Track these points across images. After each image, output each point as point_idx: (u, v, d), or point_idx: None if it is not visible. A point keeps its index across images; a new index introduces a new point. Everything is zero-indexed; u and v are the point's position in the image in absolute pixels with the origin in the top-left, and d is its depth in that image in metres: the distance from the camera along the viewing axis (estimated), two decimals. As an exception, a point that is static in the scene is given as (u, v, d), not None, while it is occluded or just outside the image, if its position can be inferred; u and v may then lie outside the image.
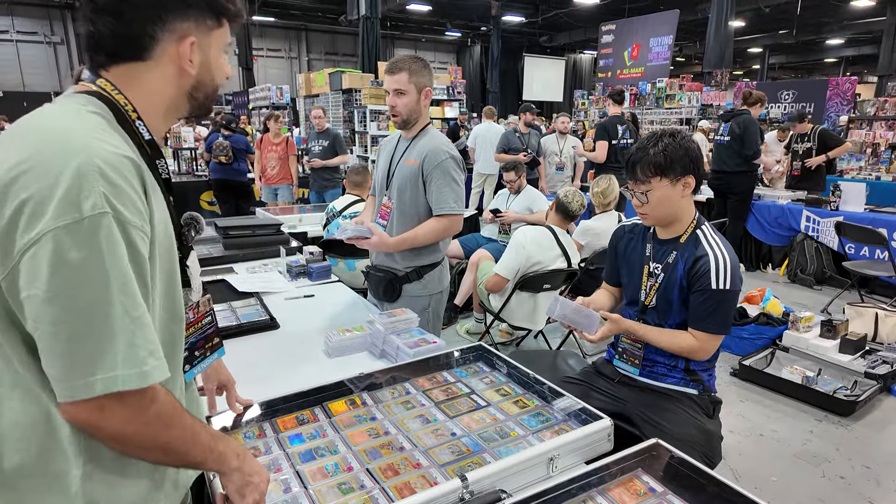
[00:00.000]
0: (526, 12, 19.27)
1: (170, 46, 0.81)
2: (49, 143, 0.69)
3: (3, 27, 16.70)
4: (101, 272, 0.67)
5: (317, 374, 1.54)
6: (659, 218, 1.67)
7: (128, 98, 0.81)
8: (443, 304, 2.27)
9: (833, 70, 26.04)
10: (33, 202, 0.65)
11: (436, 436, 1.27)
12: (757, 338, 3.52)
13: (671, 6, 13.64)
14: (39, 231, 0.64)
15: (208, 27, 0.85)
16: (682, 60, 26.18)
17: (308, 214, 4.26)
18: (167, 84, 0.84)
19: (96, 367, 0.67)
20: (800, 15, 17.04)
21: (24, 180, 0.66)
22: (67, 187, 0.65)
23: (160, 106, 0.85)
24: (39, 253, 0.65)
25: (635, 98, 11.66)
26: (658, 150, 1.58)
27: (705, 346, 1.62)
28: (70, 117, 0.75)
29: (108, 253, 0.67)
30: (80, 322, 0.66)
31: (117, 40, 0.79)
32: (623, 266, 1.82)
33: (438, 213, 2.04)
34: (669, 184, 1.59)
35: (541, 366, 1.98)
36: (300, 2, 18.10)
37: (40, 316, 0.66)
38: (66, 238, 0.65)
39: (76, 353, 0.67)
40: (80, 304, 0.66)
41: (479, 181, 7.21)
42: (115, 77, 0.81)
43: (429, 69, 2.07)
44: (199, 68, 0.85)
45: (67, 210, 0.65)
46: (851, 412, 2.87)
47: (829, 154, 5.62)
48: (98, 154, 0.69)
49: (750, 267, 5.60)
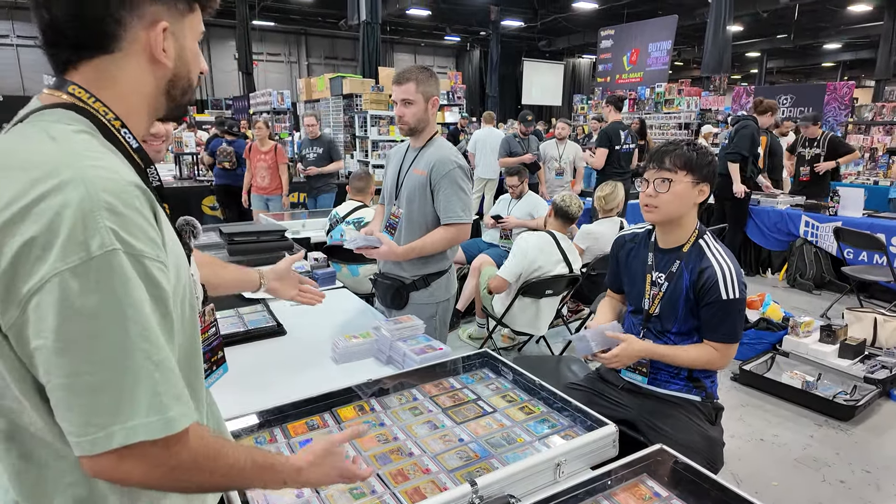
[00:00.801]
0: (525, 17, 19.35)
1: (140, 33, 0.72)
2: (42, 177, 0.61)
3: (3, 31, 16.76)
4: (115, 317, 0.61)
5: (324, 380, 1.56)
6: (667, 213, 1.66)
7: (105, 104, 0.72)
8: (449, 311, 2.30)
9: (831, 74, 26.17)
10: (35, 245, 0.59)
11: (444, 441, 1.29)
12: (757, 343, 3.54)
13: (669, 11, 13.72)
14: (43, 276, 0.58)
15: (180, 11, 0.76)
16: (681, 65, 26.30)
17: (311, 220, 4.29)
18: (143, 79, 0.75)
19: (115, 419, 0.61)
20: (797, 20, 17.17)
21: (22, 221, 0.59)
22: (71, 226, 0.59)
23: (141, 106, 0.77)
24: (45, 300, 0.59)
25: (634, 103, 11.71)
26: (690, 150, 1.64)
27: (724, 354, 1.65)
28: (57, 143, 0.66)
29: (123, 294, 0.61)
30: (96, 373, 0.60)
31: (78, 26, 0.69)
32: (625, 275, 1.85)
33: (446, 222, 2.07)
34: (691, 182, 1.63)
35: (544, 371, 2.01)
36: (300, 6, 18.16)
37: (51, 368, 0.60)
38: (74, 281, 0.59)
39: (93, 406, 0.61)
40: (94, 353, 0.60)
41: (480, 186, 7.24)
42: (85, 78, 0.72)
43: (435, 79, 2.10)
44: (175, 59, 0.76)
45: (73, 250, 0.59)
46: (851, 417, 2.89)
47: (838, 161, 5.59)
48: (98, 184, 0.62)
49: (749, 272, 5.63)
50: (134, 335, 0.62)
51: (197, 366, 0.82)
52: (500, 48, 19.68)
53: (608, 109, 5.66)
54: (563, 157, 6.18)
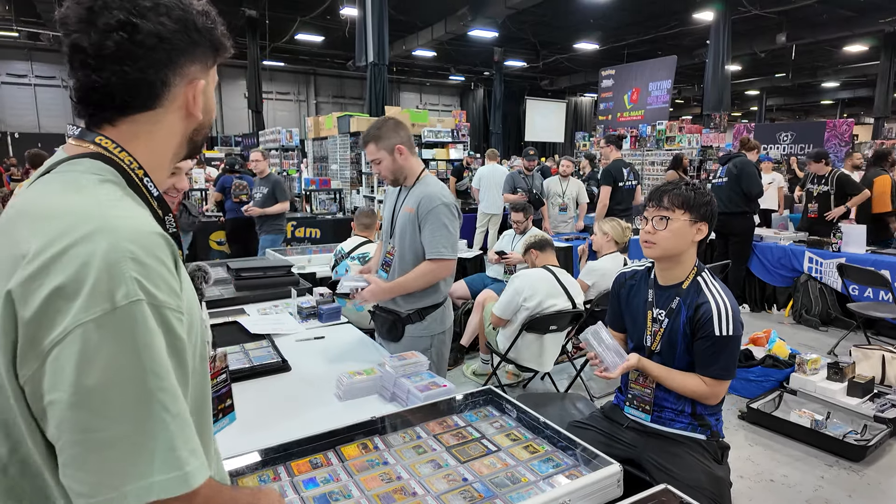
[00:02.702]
0: (527, 57, 19.87)
1: (180, 92, 0.76)
2: (69, 228, 0.61)
3: (22, 71, 17.31)
4: (135, 368, 0.59)
5: (329, 417, 1.57)
6: (665, 250, 1.70)
7: (131, 154, 0.74)
8: (446, 344, 2.33)
9: (830, 111, 26.56)
10: (60, 295, 0.58)
11: (448, 481, 1.29)
12: (764, 380, 3.51)
13: (669, 52, 14.06)
14: (66, 327, 0.57)
15: (208, 67, 0.80)
16: (682, 103, 26.77)
17: (316, 255, 4.33)
18: (174, 131, 0.78)
19: (128, 476, 0.58)
20: (795, 59, 17.53)
21: (49, 272, 0.59)
22: (97, 276, 0.59)
23: (166, 156, 0.80)
24: (65, 352, 0.57)
25: (636, 140, 11.88)
26: (689, 189, 1.70)
27: (714, 390, 1.66)
28: (84, 193, 0.67)
29: (144, 346, 0.60)
30: (111, 427, 0.58)
31: (130, 90, 0.71)
32: (626, 312, 1.86)
33: (429, 258, 2.13)
34: (688, 221, 1.68)
35: (549, 409, 2.00)
36: (309, 48, 18.73)
37: (64, 422, 0.58)
38: (96, 333, 0.58)
39: (106, 464, 0.58)
40: (110, 407, 0.58)
41: (484, 221, 7.32)
42: (119, 132, 0.74)
43: (394, 127, 2.16)
44: (203, 111, 0.80)
45: (97, 301, 0.58)
46: (863, 457, 2.84)
47: (848, 204, 5.53)
48: (125, 235, 0.62)
49: (755, 308, 5.61)
50: (153, 387, 0.60)
51: (206, 415, 0.80)
52: (503, 87, 20.14)
53: (609, 149, 5.77)
54: (567, 193, 6.26)
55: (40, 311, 0.59)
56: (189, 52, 0.75)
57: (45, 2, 12.11)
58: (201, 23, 0.76)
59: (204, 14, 0.76)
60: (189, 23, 0.74)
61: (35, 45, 16.06)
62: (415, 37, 16.55)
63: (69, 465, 0.59)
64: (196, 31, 0.75)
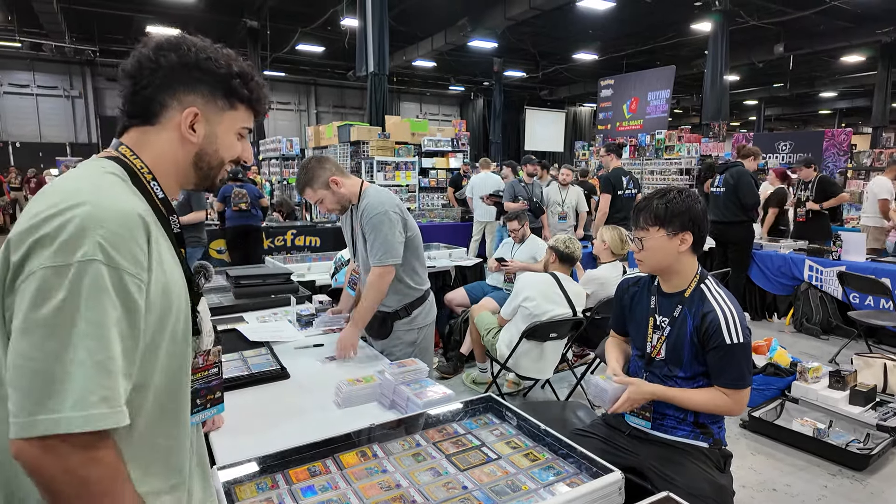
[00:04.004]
0: (527, 68, 19.99)
1: (175, 114, 0.91)
2: (63, 196, 0.76)
3: (24, 82, 17.40)
4: (72, 315, 0.70)
5: (327, 425, 1.56)
6: (652, 266, 1.72)
7: (143, 161, 0.90)
8: (430, 337, 2.47)
9: (828, 121, 26.67)
10: (38, 244, 0.72)
11: (447, 489, 1.27)
12: (765, 388, 3.49)
13: (667, 62, 14.16)
14: (33, 268, 0.71)
15: (219, 107, 0.94)
16: (680, 112, 26.89)
17: (316, 263, 4.32)
18: (172, 148, 0.92)
19: (43, 407, 0.68)
20: (792, 69, 17.65)
21: (38, 227, 0.73)
22: (69, 234, 0.72)
23: (170, 169, 0.93)
24: (27, 287, 0.70)
25: (635, 149, 11.92)
26: (661, 203, 1.66)
27: (735, 399, 1.63)
28: (87, 176, 0.83)
29: (87, 298, 0.71)
30: (41, 360, 0.69)
31: (134, 103, 0.90)
32: (629, 319, 1.85)
33: (373, 265, 2.22)
34: (666, 236, 1.65)
35: (549, 417, 1.98)
36: (310, 58, 18.84)
37: (12, 347, 0.70)
38: (51, 278, 0.70)
39: (30, 391, 0.68)
40: (46, 342, 0.69)
41: (479, 229, 7.37)
42: (131, 140, 0.91)
43: (318, 164, 2.24)
44: (203, 139, 0.93)
45: (60, 254, 0.71)
46: (866, 466, 2.81)
47: (823, 204, 5.73)
48: (104, 208, 0.76)
49: (755, 316, 5.60)
50: (81, 332, 0.70)
51: (179, 393, 0.89)
52: (502, 97, 20.23)
53: (610, 157, 5.78)
54: (566, 201, 6.27)
55: (23, 255, 0.72)
56: (190, 85, 0.91)
57: (47, 13, 12.19)
58: (207, 66, 0.91)
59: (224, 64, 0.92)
60: (195, 63, 0.90)
61: (37, 55, 16.15)
62: (415, 47, 16.66)
63: (8, 385, 0.70)
64: (198, 70, 0.91)
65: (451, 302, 4.38)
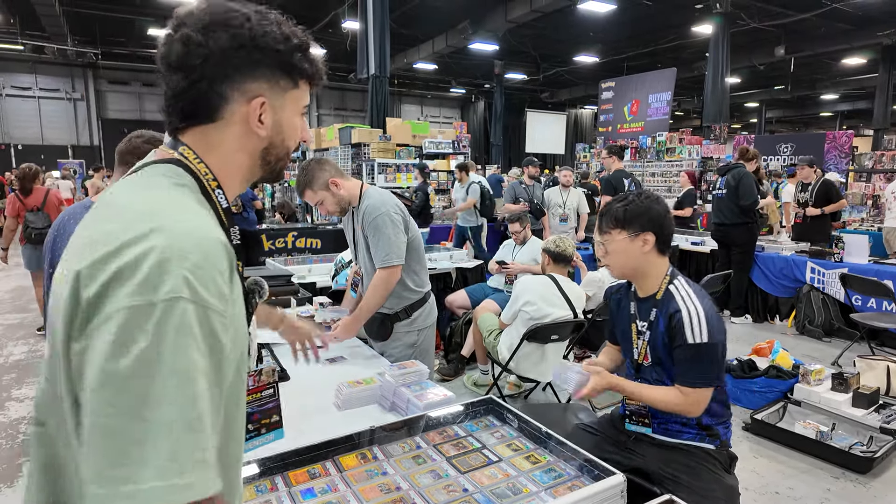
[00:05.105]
0: (528, 70, 20.01)
1: (240, 106, 0.78)
2: (137, 216, 0.66)
3: (26, 84, 17.46)
4: (157, 366, 0.59)
5: (328, 427, 1.55)
6: (618, 269, 1.74)
7: (208, 166, 0.78)
8: (431, 339, 2.44)
9: (829, 123, 26.66)
10: (114, 281, 0.61)
11: (447, 492, 1.26)
12: (768, 391, 3.47)
13: (668, 64, 14.16)
14: (109, 310, 0.60)
15: (281, 88, 0.81)
16: (681, 115, 26.91)
17: (317, 265, 4.32)
18: (239, 146, 0.80)
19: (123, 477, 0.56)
20: (793, 72, 17.65)
21: (111, 259, 0.62)
22: (149, 269, 0.61)
23: (237, 171, 0.82)
24: (104, 331, 0.59)
25: (636, 152, 11.92)
26: (621, 206, 1.69)
27: (691, 400, 1.59)
28: (158, 193, 0.72)
29: (174, 344, 0.60)
30: (120, 418, 0.57)
31: (187, 100, 0.77)
32: (617, 326, 1.86)
33: (378, 267, 2.21)
34: (627, 238, 1.67)
35: (550, 419, 1.97)
36: (311, 61, 18.85)
37: (86, 402, 0.59)
38: (133, 321, 0.59)
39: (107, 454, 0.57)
40: (126, 398, 0.58)
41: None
42: (192, 142, 0.79)
43: (317, 166, 2.23)
44: (270, 129, 0.81)
45: (142, 291, 0.60)
46: (869, 469, 2.80)
47: (824, 209, 5.69)
48: (185, 235, 0.65)
49: (757, 318, 5.58)
50: (170, 385, 0.59)
51: (236, 431, 0.77)
52: (503, 99, 20.26)
53: (611, 159, 5.77)
54: (567, 203, 6.27)
55: (97, 293, 0.61)
56: (249, 70, 0.77)
57: (49, 15, 12.23)
58: (265, 43, 0.76)
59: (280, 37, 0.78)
60: (251, 41, 0.75)
61: (40, 57, 16.21)
62: (416, 50, 16.69)
63: (83, 445, 0.59)
64: (258, 51, 0.76)
65: (451, 304, 4.37)
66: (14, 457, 3.00)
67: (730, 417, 1.73)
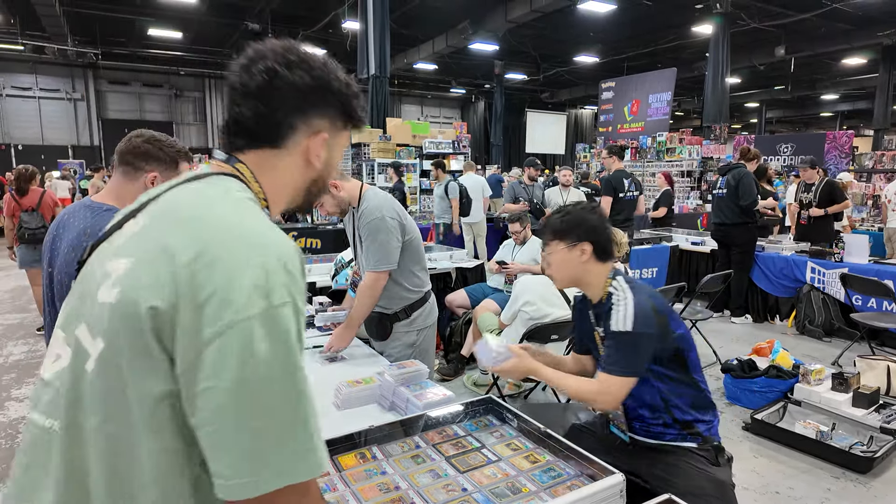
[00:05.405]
0: (528, 70, 20.00)
1: (304, 138, 0.85)
2: (228, 233, 0.69)
3: (27, 84, 17.45)
4: (287, 364, 0.66)
5: (326, 426, 1.53)
6: (561, 279, 1.80)
7: (261, 185, 0.84)
8: (431, 339, 2.43)
9: (830, 123, 26.66)
10: (222, 293, 0.64)
11: (447, 491, 1.26)
12: (768, 391, 3.47)
13: (668, 65, 14.16)
14: (229, 321, 0.63)
15: (337, 128, 0.89)
16: (682, 115, 26.91)
17: (317, 265, 4.32)
18: (294, 173, 0.87)
19: (269, 463, 0.63)
20: (794, 72, 17.64)
21: (210, 272, 0.65)
22: (255, 277, 0.65)
23: (284, 195, 0.89)
24: (228, 344, 0.63)
25: (636, 152, 11.92)
26: (557, 218, 1.76)
27: (604, 387, 1.58)
28: (235, 205, 0.76)
29: (293, 344, 0.67)
30: (262, 417, 0.63)
31: (259, 124, 0.82)
32: (583, 335, 1.88)
33: (367, 270, 2.21)
34: (566, 248, 1.72)
35: (550, 419, 1.97)
36: (311, 61, 18.85)
37: (220, 409, 0.62)
38: (255, 329, 0.64)
39: (249, 451, 0.63)
40: (265, 397, 0.64)
41: (467, 230, 7.42)
42: (251, 162, 0.84)
43: None
44: (322, 164, 0.88)
45: (256, 301, 0.65)
46: (869, 469, 2.79)
47: (827, 210, 5.69)
48: (278, 246, 0.70)
49: (757, 318, 5.57)
50: (299, 379, 0.67)
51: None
52: (504, 100, 20.25)
53: (611, 159, 5.77)
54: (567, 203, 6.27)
55: (198, 309, 0.64)
56: (320, 107, 0.85)
57: (49, 15, 12.23)
58: (336, 87, 0.86)
59: (344, 83, 0.87)
60: (324, 83, 0.85)
61: (40, 58, 16.20)
62: (416, 50, 16.69)
63: (216, 448, 0.63)
64: (330, 93, 0.86)
65: (451, 303, 4.37)
66: (13, 457, 3.00)
67: (713, 416, 1.70)
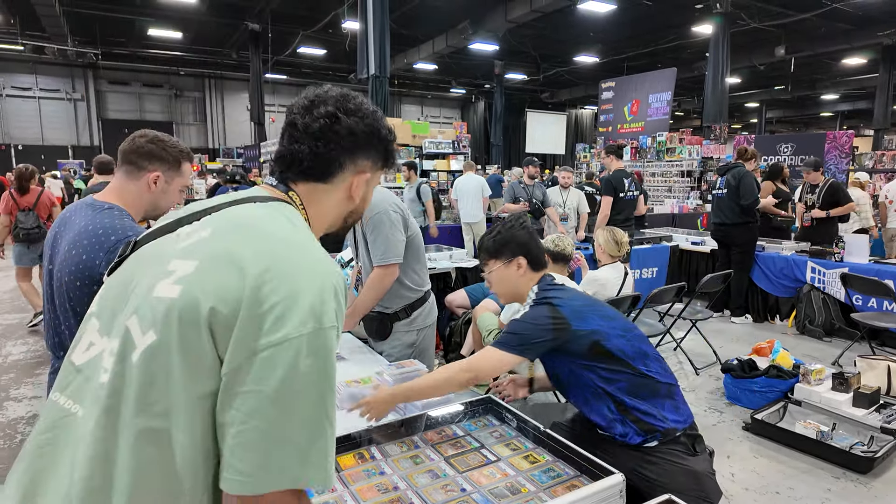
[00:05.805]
0: (528, 70, 20.00)
1: (349, 176, 0.95)
2: (293, 255, 0.77)
3: (27, 85, 17.47)
4: (322, 384, 0.72)
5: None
6: (504, 294, 1.85)
7: (308, 214, 0.93)
8: (431, 338, 2.44)
9: (830, 123, 26.66)
10: (281, 308, 0.70)
11: (445, 492, 1.26)
12: (768, 391, 3.46)
13: (668, 65, 14.15)
14: (284, 336, 0.69)
15: (376, 169, 1.00)
16: (682, 115, 26.90)
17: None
18: (335, 206, 0.97)
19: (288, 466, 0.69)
20: (794, 72, 17.64)
21: (274, 287, 0.72)
22: (312, 300, 0.72)
23: (325, 224, 0.98)
24: (278, 356, 0.69)
25: (636, 151, 11.92)
26: (490, 238, 1.82)
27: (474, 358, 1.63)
28: (298, 231, 0.84)
29: (331, 365, 0.73)
30: (290, 428, 0.69)
31: (314, 161, 0.91)
32: None
33: (376, 265, 2.21)
34: (503, 265, 1.78)
35: (549, 419, 1.96)
36: (312, 61, 18.88)
37: (256, 412, 0.68)
38: (306, 346, 0.70)
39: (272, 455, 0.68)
40: (296, 411, 0.70)
41: (467, 230, 7.42)
42: (302, 192, 0.93)
43: None
44: (360, 199, 0.99)
45: (309, 322, 0.71)
46: (870, 469, 2.79)
47: (830, 212, 5.61)
48: (333, 274, 0.78)
49: (757, 318, 5.57)
50: (328, 403, 0.73)
51: None
52: (504, 100, 20.25)
53: (610, 159, 5.76)
54: (567, 203, 6.26)
55: (260, 318, 0.70)
56: (367, 149, 0.95)
57: (49, 16, 12.23)
58: (383, 134, 0.98)
59: (388, 131, 0.99)
60: (375, 130, 0.96)
61: (40, 58, 16.21)
62: (416, 50, 16.69)
63: (242, 447, 0.68)
64: (377, 139, 0.97)
65: (451, 303, 4.36)
66: (13, 457, 2.99)
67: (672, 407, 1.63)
